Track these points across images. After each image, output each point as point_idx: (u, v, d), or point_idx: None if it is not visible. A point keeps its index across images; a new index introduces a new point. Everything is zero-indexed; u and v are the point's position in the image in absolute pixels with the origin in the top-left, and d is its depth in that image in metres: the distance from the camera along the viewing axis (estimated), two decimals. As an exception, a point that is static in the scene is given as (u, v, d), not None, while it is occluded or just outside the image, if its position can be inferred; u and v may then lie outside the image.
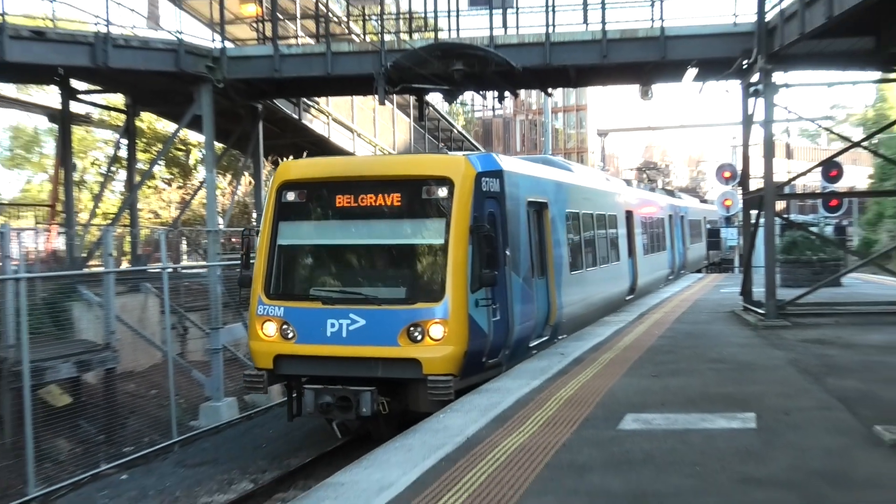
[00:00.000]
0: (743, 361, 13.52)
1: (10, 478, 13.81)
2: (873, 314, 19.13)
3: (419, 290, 12.85)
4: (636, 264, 25.98)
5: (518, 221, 14.41)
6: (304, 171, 14.26)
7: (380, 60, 20.50)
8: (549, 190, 16.94)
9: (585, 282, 19.39)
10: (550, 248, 16.29)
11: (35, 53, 18.37)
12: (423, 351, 12.11)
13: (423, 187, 12.79)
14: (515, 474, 7.68)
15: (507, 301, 13.43)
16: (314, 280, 13.78)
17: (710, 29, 21.32)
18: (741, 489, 7.14)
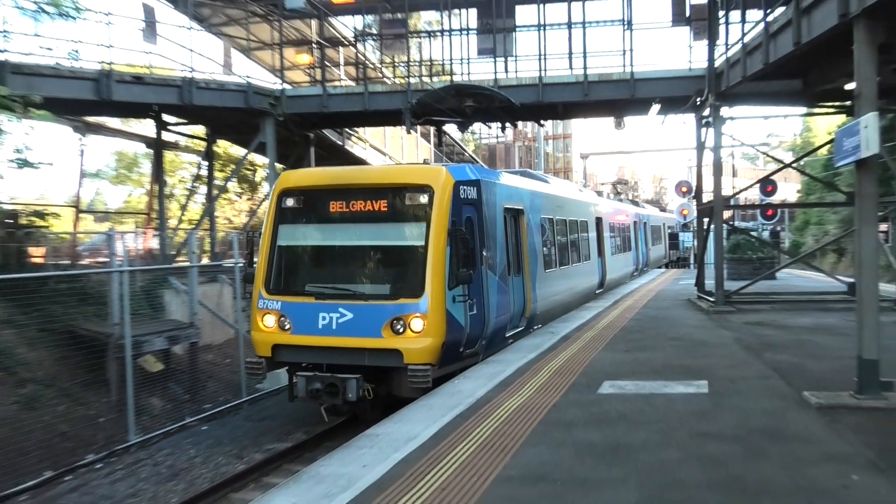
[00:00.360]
0: (697, 339, 13.48)
1: (115, 429, 13.89)
2: (802, 302, 19.08)
3: (402, 287, 11.70)
4: (605, 263, 24.63)
5: (495, 225, 13.24)
6: (301, 179, 13.17)
7: (406, 98, 20.59)
8: (525, 198, 15.69)
9: (558, 278, 18.10)
10: (526, 249, 15.02)
11: (135, 94, 18.45)
12: (405, 342, 11.11)
13: (406, 194, 11.91)
14: (516, 429, 7.68)
15: (483, 297, 12.31)
16: (308, 277, 12.71)
17: (670, 73, 21.37)
18: (696, 442, 7.14)
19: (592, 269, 22.76)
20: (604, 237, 24.67)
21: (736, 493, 5.74)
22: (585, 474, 6.24)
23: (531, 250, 15.34)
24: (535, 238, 15.90)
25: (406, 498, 5.75)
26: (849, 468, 6.31)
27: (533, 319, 15.30)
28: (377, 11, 25.82)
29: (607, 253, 25.14)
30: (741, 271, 24.69)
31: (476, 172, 13.11)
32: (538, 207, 16.59)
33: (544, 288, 16.22)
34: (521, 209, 14.99)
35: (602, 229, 24.55)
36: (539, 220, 16.45)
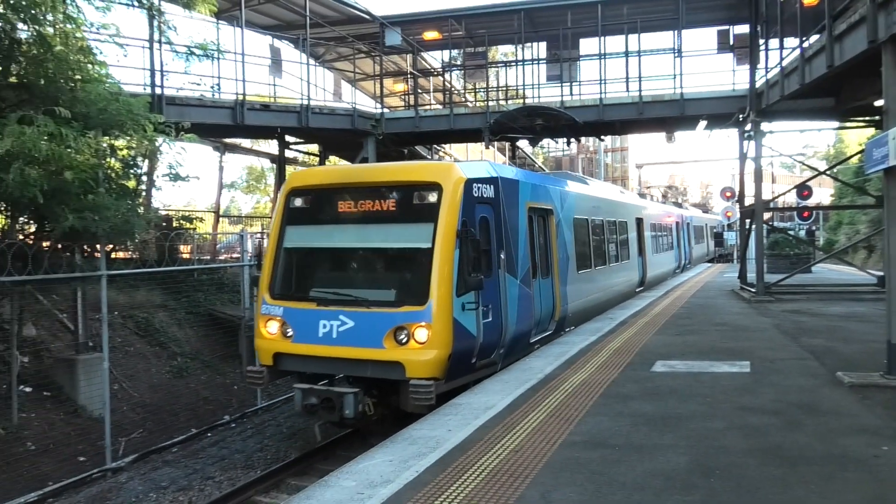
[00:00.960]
0: (740, 325, 13.09)
1: (246, 395, 14.33)
2: (835, 293, 18.36)
3: (406, 293, 9.35)
4: (645, 262, 21.76)
5: (516, 226, 10.93)
6: (310, 178, 11.05)
7: (485, 118, 20.56)
8: (555, 198, 13.20)
9: (594, 279, 15.45)
10: (556, 251, 12.62)
11: (263, 119, 18.89)
12: (407, 354, 8.86)
13: (414, 193, 9.60)
14: (580, 400, 7.61)
15: (500, 302, 9.99)
16: (312, 281, 10.30)
17: (715, 93, 20.86)
18: (739, 414, 6.95)
19: (632, 268, 20.12)
20: (644, 237, 22.02)
21: (774, 459, 5.57)
22: (641, 440, 6.14)
23: (561, 251, 13.06)
24: (567, 238, 13.58)
25: (485, 458, 5.77)
26: (879, 439, 6.06)
27: (564, 322, 13.00)
28: (461, 46, 25.89)
29: (648, 252, 22.38)
30: (779, 266, 23.85)
31: (494, 170, 10.86)
32: (571, 207, 14.21)
33: (577, 289, 13.90)
34: (549, 209, 12.68)
35: (643, 229, 21.98)
36: (571, 220, 14.09)
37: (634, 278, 20.39)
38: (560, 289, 12.67)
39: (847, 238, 40.15)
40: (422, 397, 8.55)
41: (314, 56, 24.87)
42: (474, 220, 9.59)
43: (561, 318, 12.73)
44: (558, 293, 12.60)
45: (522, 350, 10.93)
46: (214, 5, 13.89)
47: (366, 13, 21.90)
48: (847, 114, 17.36)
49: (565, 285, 13.02)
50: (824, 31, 11.43)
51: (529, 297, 11.15)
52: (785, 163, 70.33)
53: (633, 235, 20.56)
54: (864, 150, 9.34)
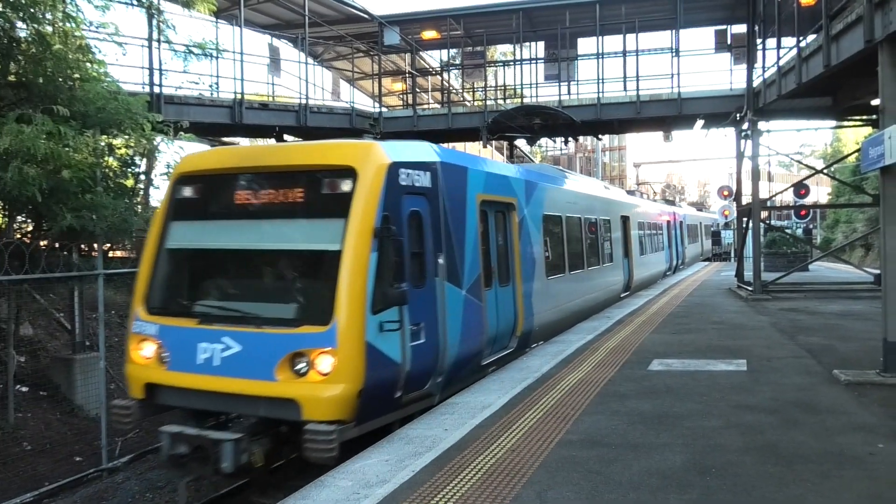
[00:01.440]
0: (737, 323, 13.08)
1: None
2: (832, 291, 18.35)
3: (307, 309, 7.16)
4: (632, 264, 19.77)
5: (462, 223, 8.85)
6: (203, 161, 8.50)
7: (483, 118, 20.56)
8: (519, 191, 11.14)
9: (568, 285, 13.52)
10: (518, 253, 10.70)
11: (261, 118, 18.84)
12: (305, 389, 6.66)
13: (323, 180, 7.40)
14: (576, 399, 7.59)
15: (436, 318, 7.92)
16: (197, 292, 8.02)
17: (713, 93, 20.90)
18: (735, 412, 6.94)
19: (616, 272, 18.07)
20: (631, 237, 20.03)
21: (771, 457, 5.55)
22: (637, 439, 6.12)
23: (526, 254, 11.14)
24: (534, 239, 11.64)
25: (482, 457, 5.74)
26: (875, 437, 6.04)
27: (529, 336, 11.08)
28: (460, 45, 25.87)
29: (635, 253, 20.35)
30: (777, 264, 23.86)
31: (433, 153, 8.62)
32: (539, 203, 12.14)
33: (547, 298, 11.99)
34: (510, 203, 10.73)
35: (629, 229, 20.00)
36: (540, 217, 12.11)
37: (618, 282, 18.53)
38: (524, 298, 10.73)
39: (844, 236, 40.19)
40: (320, 447, 6.35)
41: (313, 55, 24.83)
42: (400, 215, 7.49)
43: (525, 333, 10.77)
44: (521, 303, 10.62)
45: (471, 375, 9.01)
46: (214, 4, 13.88)
47: (364, 12, 21.87)
48: (844, 113, 17.40)
49: (531, 294, 11.11)
50: (821, 31, 11.42)
51: (479, 309, 9.09)
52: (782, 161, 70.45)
53: (618, 235, 18.65)
54: (861, 149, 9.33)
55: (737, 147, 19.87)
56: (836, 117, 18.56)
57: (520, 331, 10.58)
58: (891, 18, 8.09)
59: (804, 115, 17.99)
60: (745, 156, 19.28)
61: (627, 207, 20.58)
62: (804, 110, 17.07)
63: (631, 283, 19.61)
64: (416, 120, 22.01)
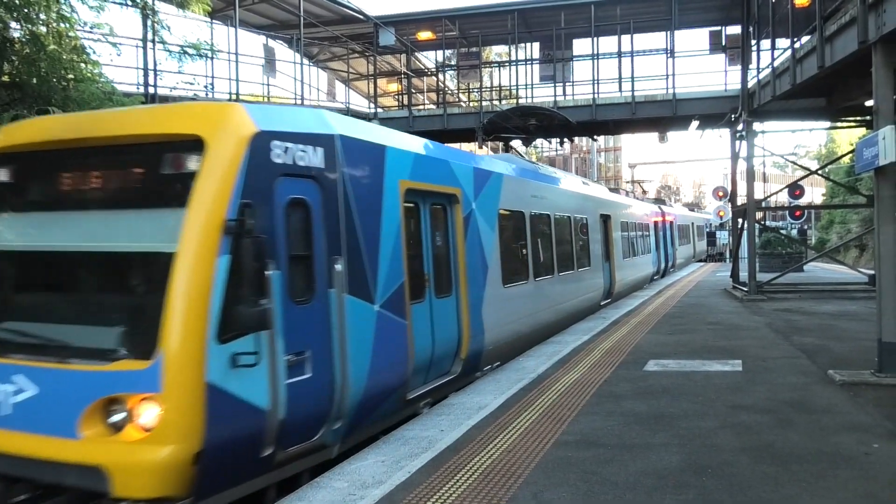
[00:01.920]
0: (732, 324, 13.10)
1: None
2: (827, 291, 18.41)
3: (127, 336, 5.05)
4: (613, 268, 17.90)
5: (377, 219, 6.85)
6: (17, 134, 6.05)
7: (479, 118, 20.61)
8: (465, 180, 8.98)
9: (531, 295, 11.50)
10: (463, 256, 8.65)
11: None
12: (115, 451, 4.71)
13: (160, 155, 5.25)
14: (572, 400, 7.59)
15: (330, 345, 5.93)
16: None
17: (708, 94, 21.05)
18: (731, 412, 6.94)
19: (594, 277, 16.08)
20: (612, 238, 18.13)
21: (766, 458, 5.56)
22: (633, 440, 6.12)
23: (474, 258, 9.08)
24: (486, 240, 9.53)
25: (478, 458, 5.74)
26: (870, 437, 6.05)
27: (479, 358, 9.10)
28: (455, 46, 25.89)
29: (617, 256, 18.43)
30: (772, 265, 23.96)
31: (326, 122, 6.47)
32: (494, 196, 10.10)
33: (505, 310, 9.98)
34: (452, 195, 8.63)
35: (611, 229, 18.12)
36: (496, 213, 10.08)
37: (597, 289, 16.43)
38: (471, 312, 8.72)
39: (839, 237, 40.32)
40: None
41: (308, 56, 24.83)
42: (272, 204, 5.47)
43: (473, 354, 8.78)
44: (467, 319, 8.60)
45: (392, 415, 7.15)
46: (208, 5, 13.85)
47: (360, 13, 21.88)
48: (838, 114, 17.46)
49: (481, 306, 9.09)
50: (815, 32, 11.45)
51: (402, 329, 7.09)
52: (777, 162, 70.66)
53: (598, 236, 16.75)
54: (855, 150, 9.36)
55: (732, 148, 19.95)
56: (831, 118, 18.64)
57: (465, 352, 8.55)
58: (884, 20, 8.12)
59: (799, 116, 18.08)
60: (739, 156, 19.34)
61: (609, 205, 18.66)
62: (799, 111, 17.14)
63: (613, 288, 17.87)
64: (412, 121, 22.03)
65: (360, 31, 23.17)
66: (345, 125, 6.75)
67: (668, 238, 29.44)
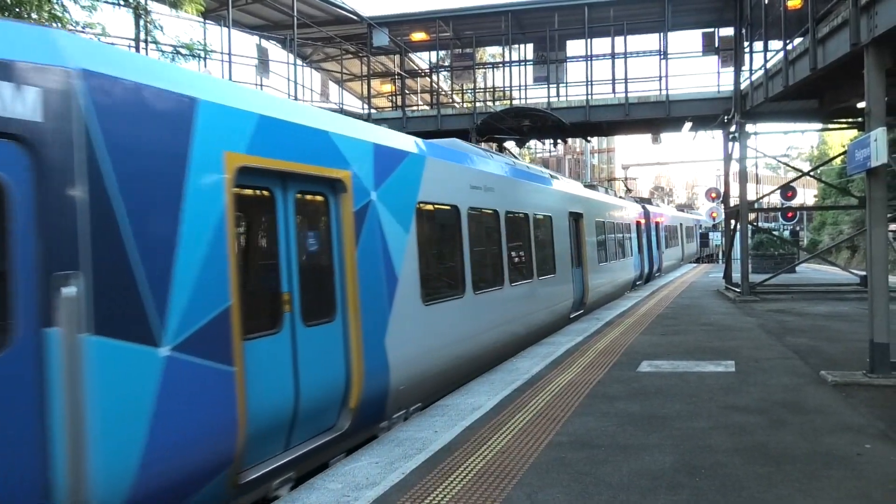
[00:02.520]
0: (725, 325, 13.14)
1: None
2: (819, 292, 18.48)
3: None
4: (586, 275, 15.87)
5: (169, 210, 4.51)
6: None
7: (473, 119, 20.64)
8: (360, 161, 6.80)
9: (470, 312, 9.23)
10: (354, 267, 6.50)
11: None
12: None
13: None
14: (566, 401, 7.60)
15: (29, 424, 3.67)
16: None
17: (701, 95, 21.09)
18: (724, 413, 6.96)
19: (560, 286, 13.80)
20: (584, 241, 16.09)
21: (759, 458, 5.57)
22: (627, 440, 6.13)
23: (374, 268, 6.90)
24: (395, 243, 7.32)
25: (472, 459, 5.74)
26: (862, 438, 6.08)
27: (383, 404, 6.98)
28: (449, 47, 25.89)
29: (590, 261, 16.41)
30: (764, 266, 24.05)
31: (57, 47, 4.02)
32: (409, 184, 7.85)
33: (425, 336, 7.91)
34: (336, 181, 6.39)
35: (582, 230, 16.08)
36: (412, 207, 7.83)
37: (565, 300, 14.23)
38: (366, 343, 6.54)
39: (831, 238, 40.51)
40: None
41: (301, 56, 24.78)
42: None
43: (370, 400, 6.63)
44: (359, 352, 6.42)
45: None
46: (201, 5, 13.85)
47: (353, 14, 21.86)
48: (830, 115, 17.53)
49: (384, 333, 6.94)
50: (808, 34, 11.50)
51: (222, 380, 4.85)
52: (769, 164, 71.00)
53: (566, 238, 14.64)
54: (847, 152, 9.41)
55: (724, 149, 20.06)
56: (823, 120, 18.72)
57: (357, 398, 6.36)
58: (876, 22, 8.17)
59: (791, 117, 18.15)
60: (732, 158, 19.43)
61: (581, 202, 16.48)
62: (791, 113, 17.21)
63: (586, 297, 15.84)
64: (406, 121, 22.02)
65: (353, 31, 23.14)
66: (99, 55, 4.34)
67: (653, 240, 27.77)
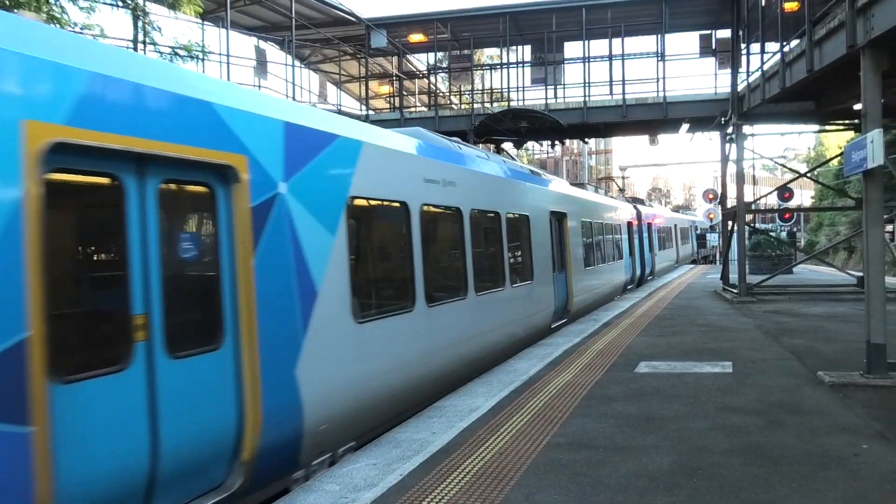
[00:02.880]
0: (722, 326, 13.14)
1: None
2: (816, 293, 18.49)
3: None
4: (570, 279, 14.68)
5: None
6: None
7: (471, 121, 20.66)
8: (264, 142, 5.40)
9: (421, 329, 7.94)
10: (250, 278, 5.09)
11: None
12: None
13: None
14: (564, 402, 7.60)
15: None
16: None
17: (698, 97, 21.17)
18: (721, 414, 6.96)
19: (538, 294, 12.63)
20: (568, 243, 14.92)
21: (757, 459, 5.58)
22: (624, 441, 6.13)
23: (282, 279, 5.62)
24: (313, 248, 6.01)
25: (470, 460, 5.74)
26: (859, 438, 6.08)
27: (296, 451, 5.74)
28: (447, 48, 25.92)
29: (574, 264, 15.12)
30: (761, 267, 24.08)
31: None
32: (338, 175, 6.56)
33: (359, 361, 6.59)
34: (225, 168, 5.04)
35: (566, 232, 14.90)
36: (342, 203, 6.51)
37: (544, 309, 13.06)
38: (264, 375, 5.22)
39: (828, 239, 40.56)
40: None
41: (300, 58, 24.79)
42: None
43: (272, 448, 5.33)
44: (255, 389, 5.12)
45: None
46: (200, 6, 13.85)
47: (351, 15, 21.87)
48: (827, 117, 17.57)
49: (294, 361, 5.65)
50: (804, 37, 11.52)
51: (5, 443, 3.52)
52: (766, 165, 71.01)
53: (546, 240, 13.44)
54: (844, 153, 9.43)
55: (722, 151, 20.06)
56: (820, 121, 18.76)
57: (251, 447, 5.07)
58: (872, 24, 8.19)
59: (788, 119, 18.17)
60: (729, 159, 19.43)
61: (564, 201, 15.31)
62: (788, 114, 17.25)
63: (570, 306, 14.75)
64: (403, 123, 22.02)
65: (351, 33, 23.16)
66: None
67: (645, 242, 26.52)
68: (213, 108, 5.03)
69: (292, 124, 5.92)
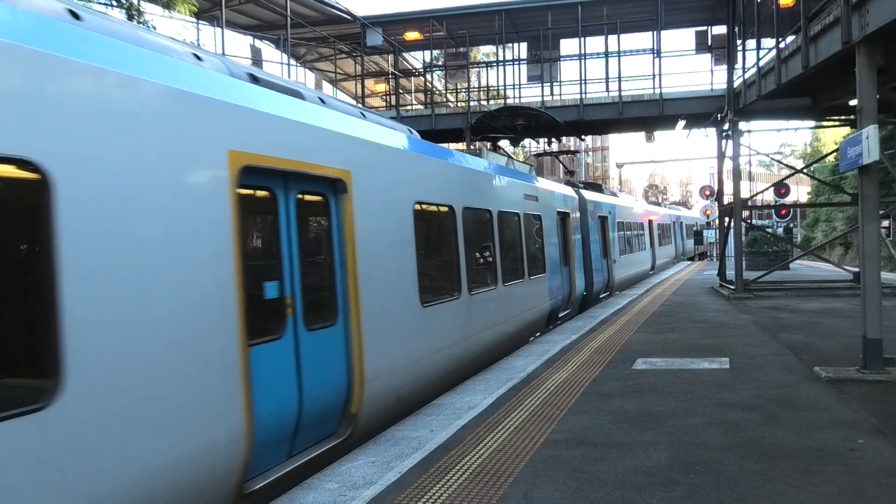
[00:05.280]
0: (719, 322, 13.19)
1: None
2: (812, 289, 18.58)
3: None
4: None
5: None
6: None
7: (467, 118, 20.64)
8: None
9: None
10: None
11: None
12: None
13: None
14: (561, 398, 7.63)
15: None
16: None
17: (694, 93, 21.19)
18: (718, 410, 6.99)
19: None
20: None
21: (753, 454, 5.61)
22: (622, 438, 6.16)
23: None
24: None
25: (468, 457, 5.76)
26: (855, 433, 6.12)
27: None
28: (443, 46, 25.91)
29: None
30: (758, 263, 24.14)
31: None
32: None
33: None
34: None
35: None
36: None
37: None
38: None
39: (824, 235, 40.62)
40: None
41: (295, 56, 24.77)
42: None
43: None
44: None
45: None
46: (194, 5, 13.84)
47: (347, 13, 21.84)
48: (823, 113, 17.62)
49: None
50: (800, 33, 11.55)
51: None
52: (763, 161, 71.22)
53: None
54: (839, 149, 9.46)
55: (718, 147, 20.06)
56: (816, 117, 18.81)
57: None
58: (868, 20, 8.20)
59: (784, 115, 18.22)
60: (726, 156, 19.47)
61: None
62: (784, 110, 17.28)
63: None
64: (400, 121, 22.02)
65: (347, 31, 23.13)
66: None
67: (594, 244, 19.41)
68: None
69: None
